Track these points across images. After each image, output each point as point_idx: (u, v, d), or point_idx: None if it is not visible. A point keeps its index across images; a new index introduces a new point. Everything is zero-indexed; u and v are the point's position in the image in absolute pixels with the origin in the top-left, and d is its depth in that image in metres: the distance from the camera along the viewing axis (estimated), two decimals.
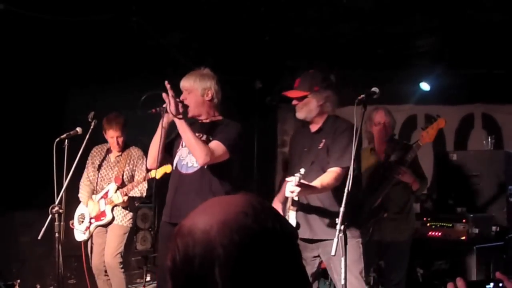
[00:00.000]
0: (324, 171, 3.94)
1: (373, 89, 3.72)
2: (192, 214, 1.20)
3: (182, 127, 3.91)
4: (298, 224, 4.02)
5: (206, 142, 4.02)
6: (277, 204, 4.20)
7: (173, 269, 1.15)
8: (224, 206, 1.17)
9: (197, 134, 4.00)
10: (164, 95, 3.87)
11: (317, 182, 3.80)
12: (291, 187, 3.65)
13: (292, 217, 4.04)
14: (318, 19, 6.54)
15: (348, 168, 3.69)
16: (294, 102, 4.08)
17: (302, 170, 3.67)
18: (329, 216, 3.93)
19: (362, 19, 6.48)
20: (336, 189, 3.84)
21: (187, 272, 1.12)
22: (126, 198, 5.53)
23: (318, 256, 4.09)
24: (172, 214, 4.07)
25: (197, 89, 4.09)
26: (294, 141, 4.46)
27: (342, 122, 4.07)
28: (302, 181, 3.65)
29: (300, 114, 4.10)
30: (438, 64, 7.20)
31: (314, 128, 4.15)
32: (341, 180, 3.83)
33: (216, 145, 3.99)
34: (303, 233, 4.06)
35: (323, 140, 4.04)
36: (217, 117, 4.23)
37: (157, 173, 5.03)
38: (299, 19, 6.61)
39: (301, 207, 4.05)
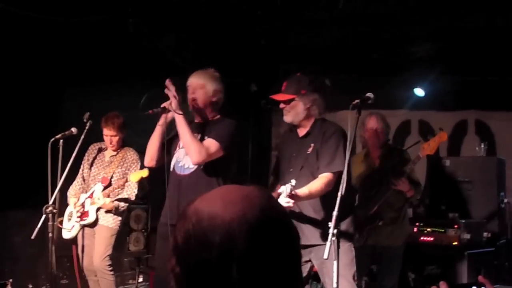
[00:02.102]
0: (314, 175, 3.92)
1: (368, 94, 3.73)
2: (207, 197, 1.19)
3: (181, 123, 3.93)
4: None
5: (202, 140, 4.02)
6: None
7: (185, 250, 1.14)
8: (243, 198, 1.16)
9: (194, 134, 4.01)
10: (166, 90, 3.92)
11: (305, 190, 3.76)
12: (284, 199, 3.58)
13: None
14: (314, 24, 6.56)
15: (339, 172, 3.71)
16: (281, 105, 4.07)
17: (293, 182, 3.60)
18: (321, 221, 3.92)
19: (357, 24, 6.51)
20: (328, 194, 3.81)
21: (202, 258, 1.11)
22: (108, 200, 5.47)
23: (309, 260, 4.10)
24: (171, 216, 4.07)
25: (208, 89, 4.11)
26: (283, 146, 4.43)
27: (330, 126, 4.07)
28: (293, 192, 3.59)
29: (287, 118, 4.09)
30: (432, 70, 7.23)
31: (301, 132, 4.13)
32: (332, 185, 3.82)
33: (210, 143, 3.99)
34: None
35: (312, 145, 4.02)
36: (215, 117, 4.24)
37: (134, 177, 5.07)
38: (295, 23, 6.63)
39: (293, 213, 4.05)
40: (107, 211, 5.56)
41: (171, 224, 3.97)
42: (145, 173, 4.71)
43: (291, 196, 3.58)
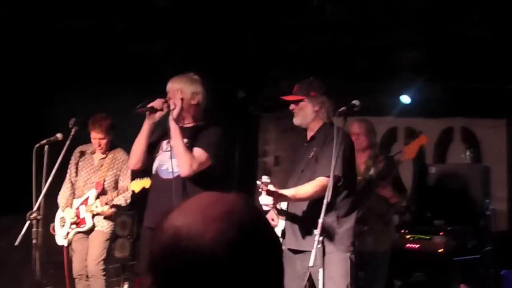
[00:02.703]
0: (313, 179, 3.89)
1: (354, 101, 3.76)
2: (185, 211, 1.15)
3: (175, 134, 3.94)
4: (283, 233, 4.01)
5: (188, 147, 4.02)
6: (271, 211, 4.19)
7: (163, 269, 1.11)
8: (224, 213, 1.12)
9: None
10: (172, 100, 3.95)
11: (292, 190, 3.75)
12: (263, 199, 3.59)
13: (280, 225, 4.04)
14: (301, 30, 6.58)
15: (336, 177, 3.69)
16: (291, 106, 4.09)
17: (264, 177, 3.64)
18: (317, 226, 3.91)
19: (344, 30, 6.53)
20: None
21: (181, 278, 1.08)
22: (106, 207, 5.42)
23: (308, 268, 4.07)
24: (153, 220, 4.04)
25: (186, 92, 4.09)
26: (296, 151, 4.48)
27: (334, 131, 4.07)
28: (270, 187, 3.58)
29: (296, 120, 4.11)
30: (419, 77, 7.26)
31: (308, 136, 4.16)
32: (326, 189, 3.82)
33: (200, 153, 3.99)
34: (289, 243, 4.03)
35: (314, 149, 4.03)
36: (199, 122, 4.23)
37: (136, 186, 5.01)
38: (282, 30, 6.64)
39: (289, 216, 4.04)
40: (105, 217, 5.51)
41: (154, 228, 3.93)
42: (147, 182, 4.61)
43: (270, 193, 3.56)
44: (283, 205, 4.06)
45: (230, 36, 6.77)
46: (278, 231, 4.09)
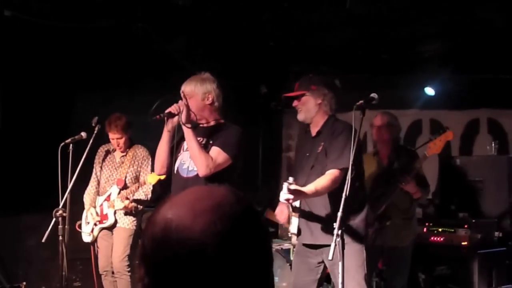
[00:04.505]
0: (323, 174, 3.94)
1: (372, 95, 3.75)
2: (176, 204, 1.18)
3: (189, 136, 3.97)
4: (299, 230, 4.04)
5: (206, 146, 4.06)
6: (282, 204, 4.23)
7: (154, 260, 1.13)
8: (214, 207, 1.15)
9: (198, 139, 4.04)
10: (180, 102, 3.97)
11: (311, 186, 3.80)
12: (283, 195, 3.67)
13: (294, 223, 4.06)
14: (322, 25, 6.56)
15: (346, 169, 3.69)
16: (295, 103, 4.15)
17: (291, 179, 3.69)
18: (331, 221, 3.93)
19: (366, 24, 6.50)
20: (338, 193, 3.80)
21: (171, 269, 1.11)
22: (127, 202, 5.52)
23: (323, 262, 4.11)
24: None
25: (197, 94, 4.11)
26: (298, 147, 4.53)
27: (340, 124, 4.10)
28: (292, 187, 3.66)
29: (300, 116, 4.16)
30: (443, 68, 7.18)
31: (314, 131, 4.18)
32: (339, 181, 3.82)
33: (217, 153, 4.01)
34: (304, 238, 4.08)
35: (322, 143, 4.05)
36: (218, 121, 4.25)
37: (152, 179, 5.09)
38: (303, 25, 6.64)
39: (303, 213, 4.07)
40: (126, 213, 5.63)
41: None
42: (163, 176, 4.72)
43: (291, 191, 3.63)
44: (296, 203, 4.08)
45: (251, 32, 6.79)
46: (293, 228, 4.12)
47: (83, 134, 5.28)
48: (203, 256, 1.09)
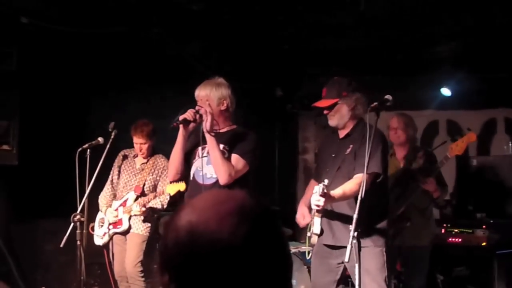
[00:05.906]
0: (350, 176, 3.92)
1: (386, 96, 3.73)
2: (199, 207, 1.19)
3: (212, 144, 3.98)
4: (322, 230, 4.03)
5: (224, 153, 4.07)
6: (302, 207, 4.21)
7: (181, 266, 1.15)
8: (237, 209, 1.17)
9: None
10: (203, 110, 3.98)
11: (339, 190, 3.78)
12: (315, 198, 3.65)
13: (317, 223, 4.05)
14: (336, 27, 6.56)
15: (375, 174, 3.71)
16: (325, 112, 4.09)
17: (326, 181, 3.66)
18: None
19: (380, 25, 6.48)
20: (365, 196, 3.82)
21: (200, 274, 1.13)
22: (144, 209, 5.50)
23: (343, 262, 4.10)
24: None
25: (212, 99, 4.11)
26: (323, 147, 4.49)
27: (370, 129, 4.07)
28: (325, 191, 3.63)
29: (333, 122, 4.11)
30: (459, 69, 7.13)
31: (342, 134, 4.16)
32: (367, 186, 3.82)
33: (237, 160, 4.05)
34: (326, 239, 4.07)
35: (351, 146, 4.03)
36: (231, 126, 4.27)
37: (172, 189, 5.10)
38: (317, 27, 6.63)
39: (326, 213, 4.06)
40: (144, 220, 5.63)
41: None
42: (182, 186, 4.69)
43: (323, 195, 3.61)
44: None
45: (265, 35, 6.80)
46: (316, 229, 4.11)
47: (100, 139, 5.32)
48: (231, 257, 1.13)
